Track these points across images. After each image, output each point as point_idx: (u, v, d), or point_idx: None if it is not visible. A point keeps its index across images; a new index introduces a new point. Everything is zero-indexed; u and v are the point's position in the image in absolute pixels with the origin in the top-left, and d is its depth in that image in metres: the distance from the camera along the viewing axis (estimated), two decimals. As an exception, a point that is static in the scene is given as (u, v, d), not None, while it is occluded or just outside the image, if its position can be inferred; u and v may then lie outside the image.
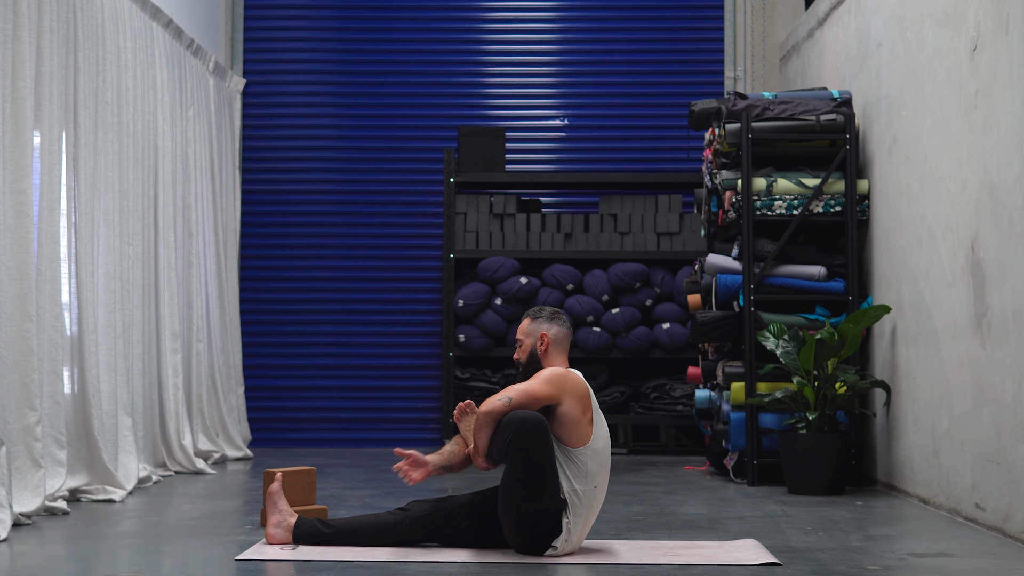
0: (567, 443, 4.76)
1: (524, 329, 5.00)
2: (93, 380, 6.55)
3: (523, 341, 4.99)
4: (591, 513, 4.84)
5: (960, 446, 5.97)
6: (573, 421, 4.75)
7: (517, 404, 4.70)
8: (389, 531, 4.90)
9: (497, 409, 4.70)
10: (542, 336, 4.96)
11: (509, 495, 4.73)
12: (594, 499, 4.81)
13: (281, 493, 5.07)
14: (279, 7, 10.22)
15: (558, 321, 5.00)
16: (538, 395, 4.73)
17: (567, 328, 5.02)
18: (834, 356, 6.92)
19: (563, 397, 4.75)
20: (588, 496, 4.78)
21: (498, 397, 4.72)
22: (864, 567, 4.63)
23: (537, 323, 4.99)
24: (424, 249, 10.07)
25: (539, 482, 4.68)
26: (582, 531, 4.82)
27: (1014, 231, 5.34)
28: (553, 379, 4.77)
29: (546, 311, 5.02)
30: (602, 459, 4.83)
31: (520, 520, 4.72)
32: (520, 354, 4.99)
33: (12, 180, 5.77)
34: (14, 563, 4.71)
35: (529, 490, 4.68)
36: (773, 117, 7.61)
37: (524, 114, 10.20)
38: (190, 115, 8.55)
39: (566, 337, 5.00)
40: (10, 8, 5.79)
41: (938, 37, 6.32)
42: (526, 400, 4.71)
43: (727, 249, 7.94)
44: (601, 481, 4.83)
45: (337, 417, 9.94)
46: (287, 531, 4.98)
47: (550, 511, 4.71)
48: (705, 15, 10.15)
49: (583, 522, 4.80)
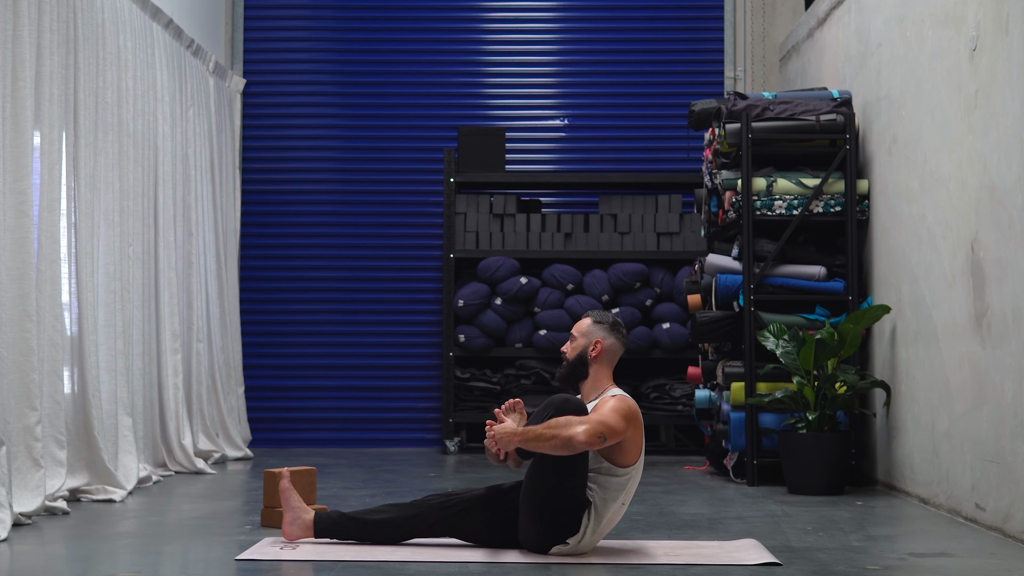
0: (618, 463, 4.77)
1: (582, 328, 4.97)
2: (93, 380, 6.55)
3: (577, 339, 4.96)
4: (609, 525, 4.86)
5: (960, 446, 5.97)
6: (630, 449, 4.76)
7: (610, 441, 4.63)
8: (407, 523, 4.91)
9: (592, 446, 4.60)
10: (596, 343, 4.93)
11: (539, 478, 4.71)
12: (617, 514, 4.84)
13: (292, 490, 5.09)
14: (279, 7, 10.23)
15: (617, 333, 4.97)
16: (620, 434, 4.66)
17: (623, 343, 5.00)
18: (834, 356, 6.92)
19: (631, 432, 4.74)
20: (615, 511, 4.81)
21: (594, 433, 4.58)
22: (864, 567, 4.63)
23: (597, 327, 4.96)
24: (424, 249, 10.08)
25: (570, 468, 4.67)
26: (595, 539, 4.82)
27: (1014, 231, 5.34)
28: (626, 414, 4.70)
29: (609, 318, 5.00)
30: (636, 481, 4.86)
31: (540, 507, 4.71)
32: (569, 350, 4.96)
33: (12, 180, 5.77)
34: (14, 563, 4.71)
35: (560, 476, 4.67)
36: (773, 117, 7.61)
37: (524, 114, 10.20)
38: (190, 115, 8.55)
39: (619, 351, 4.98)
40: (10, 8, 5.79)
41: (938, 37, 6.32)
42: (613, 439, 4.63)
43: (727, 249, 7.94)
44: (628, 500, 4.86)
45: (337, 417, 9.94)
46: (303, 527, 5.01)
47: (572, 505, 4.71)
48: (705, 15, 10.15)
49: (600, 531, 4.81)
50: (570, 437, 4.58)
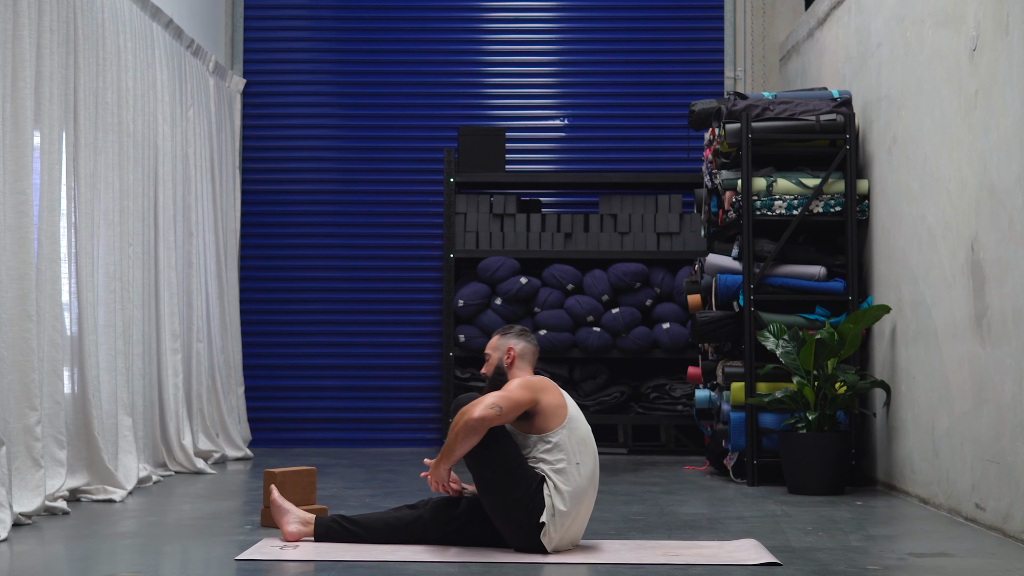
0: (546, 429, 4.86)
1: (493, 344, 5.14)
2: (93, 380, 6.55)
3: (491, 356, 5.13)
4: (583, 494, 4.85)
5: (960, 446, 5.97)
6: (550, 412, 4.87)
7: (505, 414, 4.79)
8: (407, 527, 4.95)
9: (489, 418, 4.75)
10: (508, 350, 5.09)
11: (484, 484, 4.84)
12: (579, 476, 4.84)
13: (282, 499, 5.19)
14: (279, 7, 10.23)
15: (526, 337, 5.14)
16: (521, 401, 4.83)
17: (535, 345, 5.16)
18: (834, 356, 6.92)
19: (538, 396, 4.87)
20: (572, 473, 4.82)
21: (487, 405, 4.76)
22: (864, 567, 4.63)
23: (505, 339, 5.13)
24: (424, 249, 10.07)
25: (504, 459, 4.79)
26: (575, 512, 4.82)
27: (1014, 231, 5.34)
28: (526, 384, 4.89)
29: (515, 328, 5.19)
30: (580, 434, 4.90)
31: (507, 511, 4.79)
32: (487, 368, 5.11)
33: (12, 180, 5.77)
34: (14, 563, 4.71)
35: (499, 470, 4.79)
36: (773, 117, 7.61)
37: (524, 114, 10.20)
38: (190, 115, 8.55)
39: (533, 353, 5.13)
40: (10, 8, 5.79)
41: (938, 37, 6.32)
42: (513, 407, 4.80)
43: (727, 249, 7.94)
44: (584, 458, 4.88)
45: (337, 417, 9.94)
46: (303, 523, 5.04)
47: (530, 491, 4.78)
48: (705, 15, 10.15)
49: (574, 503, 4.81)
50: (466, 420, 4.75)
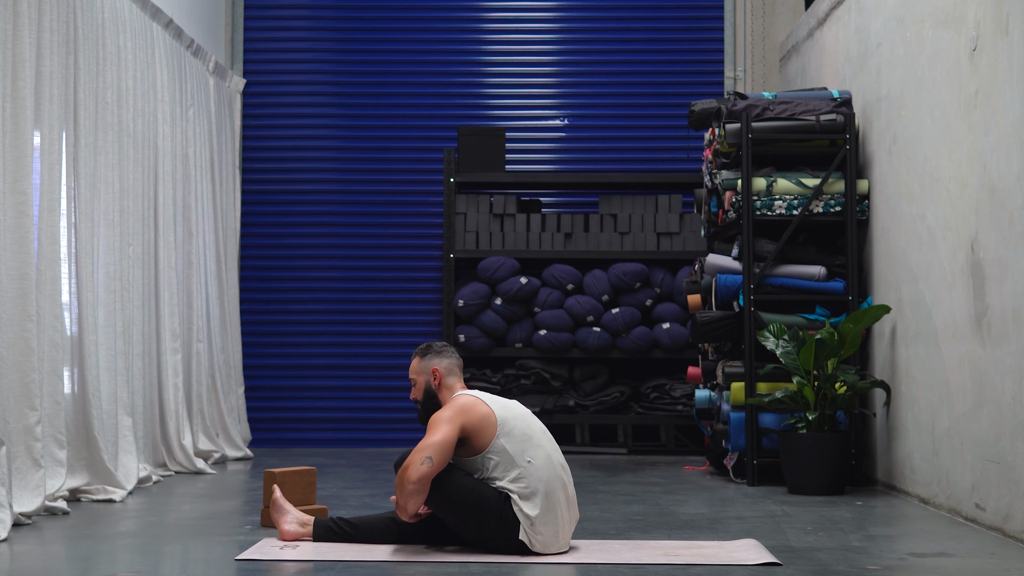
0: (484, 446, 4.83)
1: (415, 368, 5.07)
2: (93, 380, 6.55)
3: (416, 380, 5.06)
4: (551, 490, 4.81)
5: (960, 446, 5.97)
6: (479, 429, 4.82)
7: (439, 462, 4.71)
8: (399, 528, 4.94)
9: (426, 474, 4.68)
10: (434, 371, 5.03)
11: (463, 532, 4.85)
12: (536, 473, 4.80)
13: (283, 498, 5.20)
14: (279, 7, 10.22)
15: (446, 353, 5.08)
16: (448, 440, 4.75)
17: (456, 357, 5.11)
18: (834, 356, 6.92)
19: (462, 421, 4.81)
20: (528, 475, 4.79)
21: (419, 461, 4.69)
22: (864, 567, 4.63)
23: (427, 360, 5.05)
24: (424, 249, 10.07)
25: (473, 506, 4.77)
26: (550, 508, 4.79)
27: (1014, 231, 5.34)
28: (447, 416, 4.81)
29: (433, 347, 5.10)
30: (519, 432, 4.85)
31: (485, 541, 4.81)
32: (416, 393, 5.06)
33: (12, 180, 5.77)
34: (14, 563, 4.71)
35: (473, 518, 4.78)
36: (773, 117, 7.61)
37: (524, 114, 10.20)
38: (190, 115, 8.55)
39: (458, 366, 5.09)
40: (10, 8, 5.79)
41: (938, 37, 6.32)
42: (444, 453, 4.73)
43: (727, 249, 7.94)
44: (534, 450, 4.84)
45: (337, 417, 9.94)
46: (301, 524, 5.04)
47: (499, 511, 4.76)
48: (705, 15, 10.15)
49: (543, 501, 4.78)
50: (405, 485, 4.69)
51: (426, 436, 4.78)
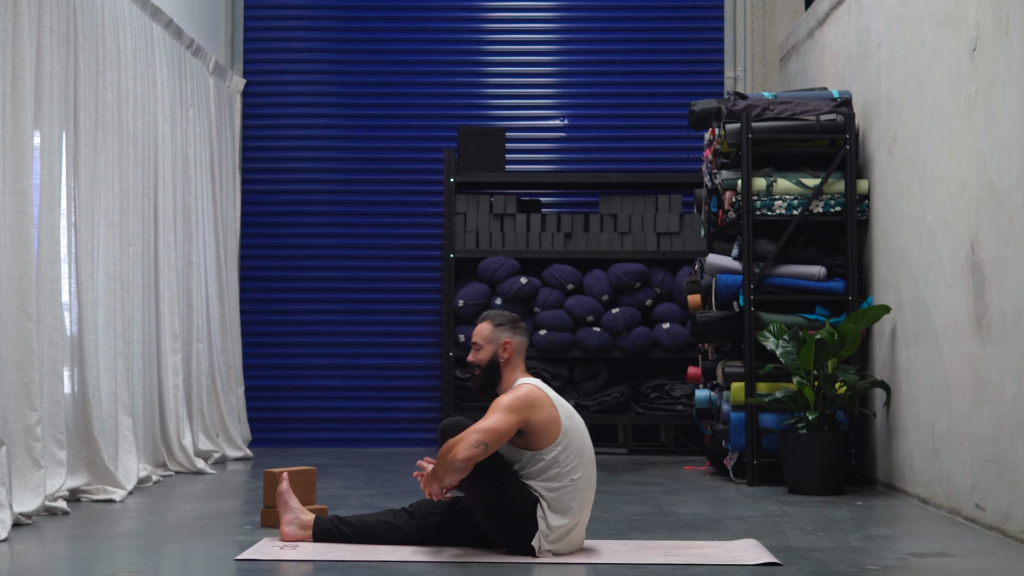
0: (537, 448, 4.75)
1: (485, 335, 4.91)
2: (93, 380, 6.55)
3: (482, 346, 4.91)
4: (581, 508, 4.81)
5: (960, 446, 5.97)
6: (541, 430, 4.72)
7: (493, 446, 4.62)
8: (396, 528, 4.93)
9: (475, 458, 4.59)
10: (505, 344, 4.90)
11: (478, 510, 4.77)
12: (576, 492, 4.77)
13: (291, 492, 5.17)
14: (279, 7, 10.22)
15: (520, 331, 4.96)
16: (508, 430, 4.65)
17: (527, 337, 5.00)
18: (834, 356, 6.92)
19: (527, 416, 4.70)
20: (567, 491, 4.75)
21: (473, 443, 4.58)
22: (864, 567, 4.63)
23: (500, 330, 4.91)
24: (424, 249, 10.07)
25: (500, 499, 4.70)
26: (572, 527, 4.79)
27: (1014, 231, 5.34)
28: (514, 406, 4.69)
29: (508, 316, 4.97)
30: (576, 446, 4.77)
31: (496, 524, 4.75)
32: (477, 357, 4.92)
33: (12, 180, 5.77)
34: (14, 563, 4.71)
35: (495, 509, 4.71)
36: (773, 117, 7.61)
37: (524, 114, 10.20)
38: (190, 115, 8.55)
39: (525, 346, 4.97)
40: (10, 8, 5.79)
41: (938, 37, 6.32)
42: (499, 442, 4.63)
43: (727, 249, 7.94)
44: (582, 469, 4.78)
45: (337, 417, 9.94)
46: (301, 527, 5.03)
47: (522, 511, 4.71)
48: (705, 15, 10.15)
49: (571, 518, 4.77)
50: (450, 460, 4.59)
51: (486, 418, 4.65)
